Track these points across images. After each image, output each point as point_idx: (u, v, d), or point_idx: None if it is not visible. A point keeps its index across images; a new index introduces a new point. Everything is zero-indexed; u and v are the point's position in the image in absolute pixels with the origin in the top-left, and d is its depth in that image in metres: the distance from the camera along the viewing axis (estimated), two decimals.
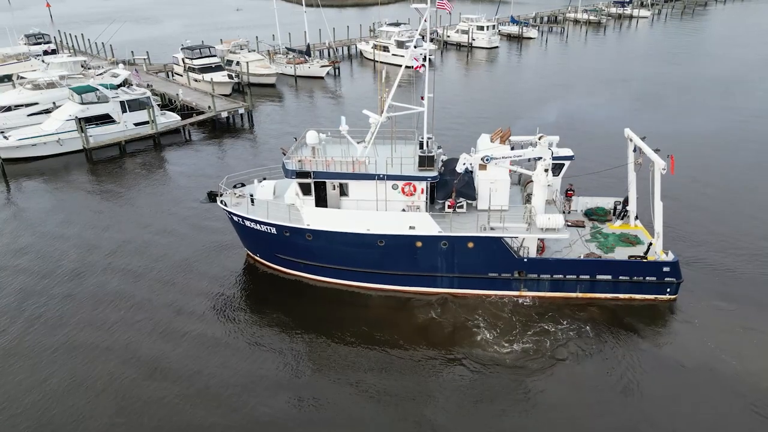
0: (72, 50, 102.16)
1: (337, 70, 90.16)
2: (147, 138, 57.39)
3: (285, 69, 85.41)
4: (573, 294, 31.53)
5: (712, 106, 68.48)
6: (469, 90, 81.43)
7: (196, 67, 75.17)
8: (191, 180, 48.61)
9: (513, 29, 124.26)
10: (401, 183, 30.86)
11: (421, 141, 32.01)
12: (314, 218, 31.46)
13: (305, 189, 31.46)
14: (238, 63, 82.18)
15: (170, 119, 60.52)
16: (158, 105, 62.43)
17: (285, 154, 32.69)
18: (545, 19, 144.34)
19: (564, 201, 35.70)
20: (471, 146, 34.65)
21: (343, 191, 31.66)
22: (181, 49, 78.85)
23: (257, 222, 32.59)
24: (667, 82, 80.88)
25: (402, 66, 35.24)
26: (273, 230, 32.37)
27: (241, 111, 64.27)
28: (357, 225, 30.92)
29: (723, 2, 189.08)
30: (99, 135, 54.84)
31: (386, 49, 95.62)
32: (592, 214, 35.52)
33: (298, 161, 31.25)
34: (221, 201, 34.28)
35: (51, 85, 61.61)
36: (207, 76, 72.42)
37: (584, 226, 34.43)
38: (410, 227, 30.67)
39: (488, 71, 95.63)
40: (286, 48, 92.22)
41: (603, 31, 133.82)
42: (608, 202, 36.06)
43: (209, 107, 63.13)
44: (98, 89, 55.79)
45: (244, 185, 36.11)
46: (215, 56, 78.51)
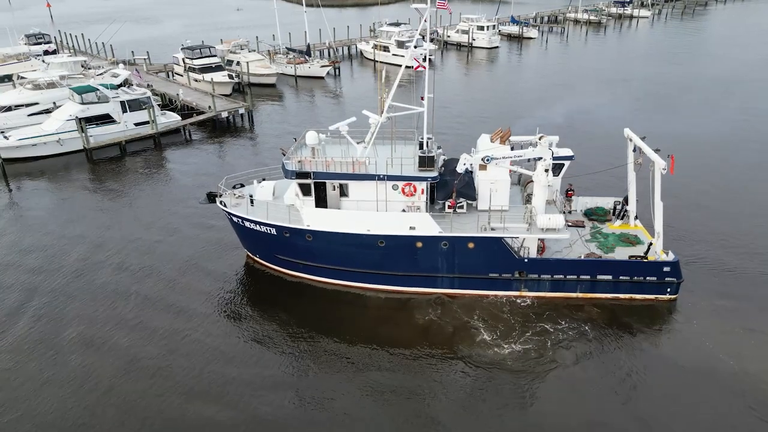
0: (72, 50, 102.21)
1: (338, 70, 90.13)
2: (147, 138, 57.39)
3: (285, 69, 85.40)
4: (573, 294, 31.52)
5: (713, 106, 68.44)
6: (470, 90, 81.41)
7: (197, 67, 75.18)
8: (191, 180, 48.60)
9: (513, 29, 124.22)
10: (401, 183, 30.84)
11: (421, 141, 31.99)
12: (314, 219, 31.44)
13: (305, 189, 31.44)
14: (239, 63, 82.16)
15: (170, 119, 60.52)
16: (158, 105, 62.44)
17: (284, 155, 32.68)
18: (545, 19, 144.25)
19: (564, 201, 35.69)
20: (471, 146, 34.65)
21: (343, 192, 31.64)
22: (182, 49, 78.84)
23: (257, 223, 32.56)
24: (668, 82, 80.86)
25: (402, 66, 35.22)
26: (273, 231, 32.35)
27: (242, 111, 64.27)
28: (357, 225, 30.89)
29: (723, 2, 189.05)
30: (99, 135, 54.84)
31: (386, 49, 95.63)
32: (592, 214, 35.50)
33: (298, 162, 31.23)
34: (221, 202, 34.27)
35: (51, 85, 61.57)
36: (207, 76, 72.42)
37: (584, 226, 34.43)
38: (410, 228, 30.65)
39: (488, 71, 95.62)
40: (287, 48, 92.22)
41: (603, 31, 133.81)
42: (608, 202, 36.04)
43: (209, 107, 63.13)
44: (98, 89, 55.78)
45: (244, 186, 36.10)
46: (215, 56, 78.49)
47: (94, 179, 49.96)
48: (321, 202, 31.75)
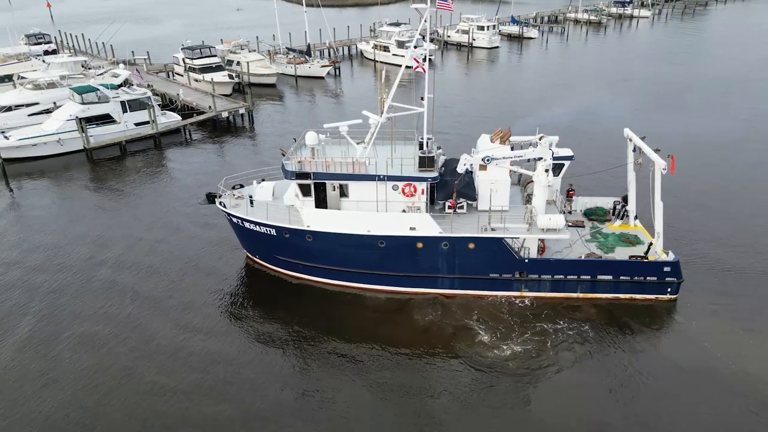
0: (72, 50, 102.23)
1: (338, 70, 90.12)
2: (147, 138, 57.41)
3: (285, 69, 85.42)
4: (574, 294, 31.52)
5: (713, 106, 68.44)
6: (470, 90, 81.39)
7: (197, 67, 75.20)
8: (192, 180, 48.61)
9: (513, 29, 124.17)
10: (401, 184, 30.84)
11: (421, 141, 31.99)
12: (314, 219, 31.43)
13: (305, 190, 31.43)
14: (239, 63, 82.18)
15: (171, 119, 60.55)
16: (159, 105, 62.46)
17: (284, 155, 32.66)
18: (545, 19, 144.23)
19: (565, 201, 35.68)
20: (471, 146, 34.64)
21: (343, 192, 31.63)
22: (182, 49, 78.85)
23: (256, 223, 32.55)
24: (668, 82, 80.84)
25: (402, 66, 35.21)
26: (272, 232, 32.33)
27: (242, 111, 64.29)
28: (357, 226, 30.89)
29: (723, 2, 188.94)
30: (99, 135, 54.86)
31: (386, 49, 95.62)
32: (592, 214, 35.50)
33: (298, 162, 31.22)
34: (220, 203, 34.25)
35: (51, 85, 61.61)
36: (207, 76, 72.46)
37: (584, 226, 34.43)
38: (411, 228, 30.64)
39: (489, 71, 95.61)
40: (287, 48, 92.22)
41: (603, 31, 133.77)
42: (608, 202, 36.05)
43: (210, 107, 63.15)
44: (99, 89, 55.81)
45: (243, 186, 36.09)
46: (215, 56, 78.51)
47: (95, 179, 49.97)
48: (321, 203, 31.74)
